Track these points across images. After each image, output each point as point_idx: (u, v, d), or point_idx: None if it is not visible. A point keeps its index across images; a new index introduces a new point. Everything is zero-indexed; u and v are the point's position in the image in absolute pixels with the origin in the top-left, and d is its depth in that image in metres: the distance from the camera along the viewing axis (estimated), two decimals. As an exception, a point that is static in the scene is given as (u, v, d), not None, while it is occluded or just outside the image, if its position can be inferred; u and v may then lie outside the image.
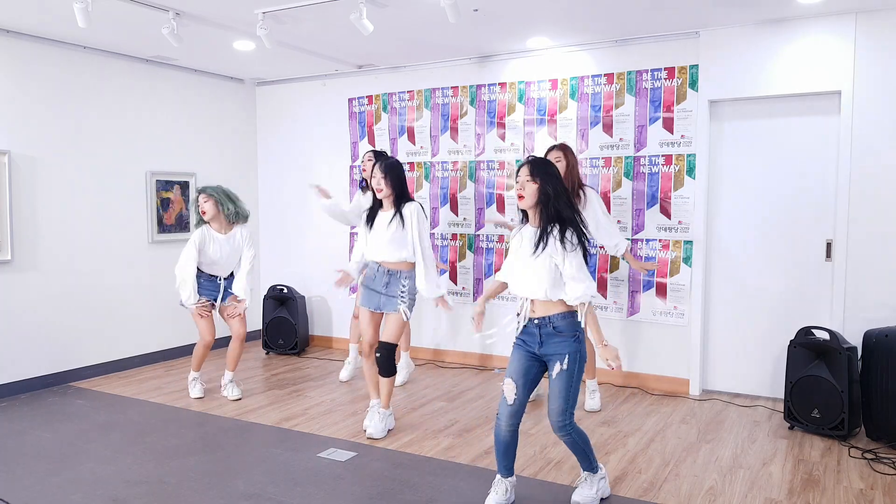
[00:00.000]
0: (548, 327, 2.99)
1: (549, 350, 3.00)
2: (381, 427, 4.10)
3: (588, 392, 4.65)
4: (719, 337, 5.02)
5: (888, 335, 3.89)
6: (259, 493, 3.31)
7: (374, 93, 6.24)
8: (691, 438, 4.09)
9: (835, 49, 4.46)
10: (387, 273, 4.08)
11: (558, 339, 2.98)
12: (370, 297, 4.14)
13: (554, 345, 2.99)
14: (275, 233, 6.91)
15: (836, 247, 4.52)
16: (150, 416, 4.53)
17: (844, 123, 4.45)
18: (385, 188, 3.97)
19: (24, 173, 5.01)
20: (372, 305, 4.13)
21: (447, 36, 5.03)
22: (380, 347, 4.06)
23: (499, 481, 3.16)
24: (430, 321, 6.08)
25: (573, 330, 2.99)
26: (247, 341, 6.81)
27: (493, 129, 5.70)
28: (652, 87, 5.07)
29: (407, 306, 4.07)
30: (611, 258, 5.24)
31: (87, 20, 4.05)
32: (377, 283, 4.10)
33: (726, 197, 4.95)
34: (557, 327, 2.98)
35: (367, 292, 4.16)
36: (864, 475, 3.53)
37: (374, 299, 4.12)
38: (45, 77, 5.13)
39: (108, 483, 3.44)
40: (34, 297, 5.09)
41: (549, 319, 2.99)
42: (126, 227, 5.71)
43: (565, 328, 2.98)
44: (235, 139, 6.73)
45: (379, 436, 4.06)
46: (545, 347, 3.01)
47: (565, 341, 2.98)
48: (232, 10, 4.37)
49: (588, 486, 3.22)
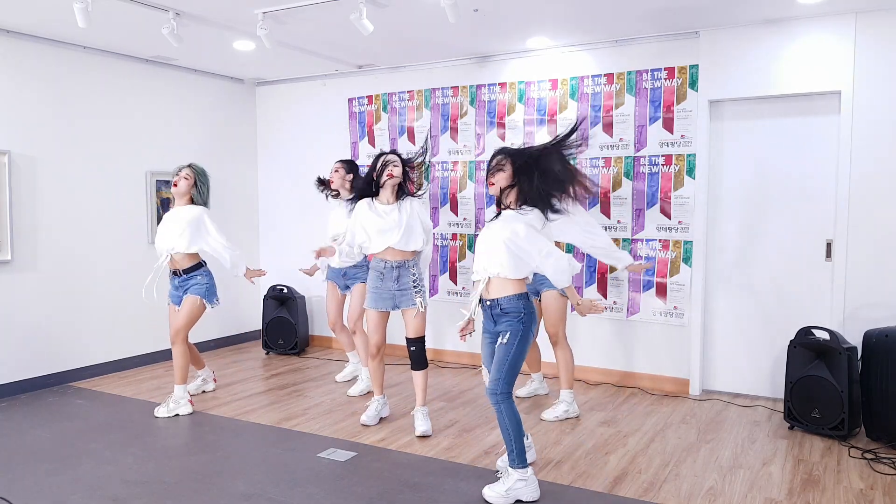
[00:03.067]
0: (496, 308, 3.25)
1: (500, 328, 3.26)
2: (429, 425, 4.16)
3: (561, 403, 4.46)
4: (719, 337, 5.03)
5: (888, 335, 3.89)
6: (259, 493, 3.31)
7: (374, 93, 6.24)
8: (691, 438, 4.09)
9: (835, 49, 4.46)
10: (395, 268, 4.12)
11: (506, 318, 3.23)
12: (382, 299, 4.15)
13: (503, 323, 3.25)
14: (275, 233, 6.91)
15: (836, 247, 4.52)
16: (150, 416, 4.53)
17: (844, 123, 4.45)
18: (397, 175, 4.09)
19: (24, 173, 5.01)
20: (387, 306, 4.15)
21: (447, 36, 5.03)
22: (411, 343, 4.13)
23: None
24: (431, 321, 6.08)
25: (519, 311, 3.22)
26: (247, 341, 6.84)
27: (493, 129, 5.70)
28: (652, 87, 5.07)
29: (422, 297, 4.14)
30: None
31: (87, 20, 4.05)
32: (387, 281, 4.12)
33: (726, 197, 4.95)
34: (505, 308, 3.23)
35: (378, 295, 4.16)
36: (864, 475, 3.53)
37: (387, 300, 4.14)
38: (45, 77, 5.13)
39: (108, 483, 3.44)
40: (34, 296, 5.09)
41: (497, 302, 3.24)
42: (126, 227, 5.71)
43: (512, 309, 3.22)
44: (235, 139, 6.73)
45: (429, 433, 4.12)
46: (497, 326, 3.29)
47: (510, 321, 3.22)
48: (232, 10, 4.37)
49: (501, 483, 3.23)
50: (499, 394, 3.21)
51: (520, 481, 3.19)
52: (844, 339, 4.14)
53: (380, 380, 4.33)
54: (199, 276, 4.61)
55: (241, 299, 6.76)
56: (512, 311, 3.22)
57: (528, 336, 3.24)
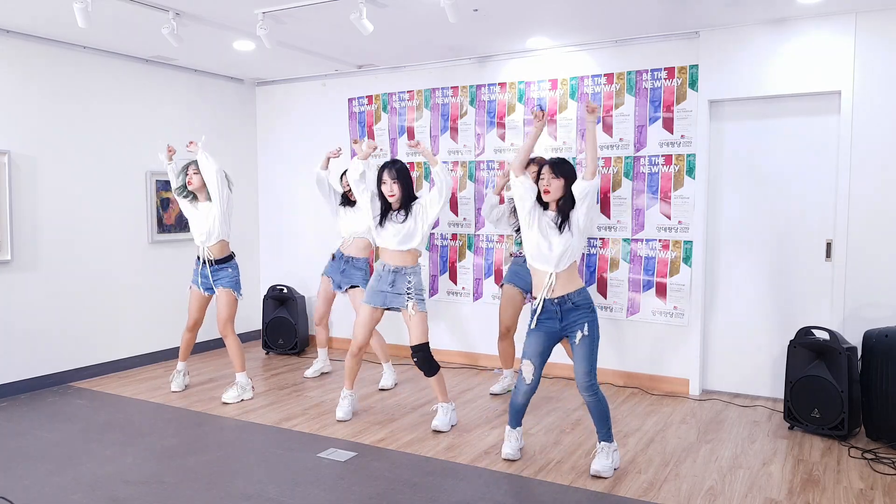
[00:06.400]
0: (567, 304, 3.45)
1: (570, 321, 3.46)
2: (446, 420, 4.24)
3: None
4: (719, 337, 5.03)
5: (888, 335, 3.89)
6: (259, 493, 3.31)
7: (374, 93, 6.24)
8: (691, 438, 4.09)
9: (834, 49, 4.46)
10: (392, 272, 4.21)
11: (577, 312, 3.45)
12: (375, 296, 4.26)
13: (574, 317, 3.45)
14: (275, 233, 6.91)
15: (836, 247, 4.52)
16: (150, 416, 4.53)
17: (844, 123, 4.45)
18: (397, 192, 4.15)
19: (24, 173, 5.01)
20: (377, 302, 4.25)
21: (447, 36, 5.03)
22: (415, 352, 4.18)
23: (509, 432, 3.73)
24: (431, 321, 6.08)
25: (589, 302, 3.48)
26: (247, 341, 6.84)
27: (492, 129, 5.70)
28: (652, 87, 5.07)
29: (415, 302, 4.18)
30: (611, 258, 5.24)
31: (87, 20, 4.05)
32: (383, 283, 4.24)
33: (726, 197, 4.95)
34: (576, 302, 3.45)
35: (373, 292, 4.27)
36: (864, 475, 3.53)
37: (379, 297, 4.26)
38: (45, 77, 5.13)
39: (108, 483, 3.44)
40: (34, 297, 5.09)
41: (567, 297, 3.46)
42: (126, 227, 5.71)
43: (582, 302, 3.46)
44: (235, 139, 6.73)
45: (446, 429, 4.20)
46: (565, 321, 3.47)
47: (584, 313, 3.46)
48: (232, 10, 4.37)
49: (605, 457, 3.53)
50: (593, 384, 3.45)
51: (615, 452, 3.59)
52: (844, 339, 4.14)
53: (352, 377, 4.43)
54: (230, 269, 4.87)
55: (241, 299, 6.73)
56: (583, 304, 3.46)
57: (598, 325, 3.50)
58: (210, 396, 4.96)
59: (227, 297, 4.81)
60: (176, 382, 5.10)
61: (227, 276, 4.83)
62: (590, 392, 3.45)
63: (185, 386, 5.17)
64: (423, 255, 6.02)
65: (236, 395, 4.83)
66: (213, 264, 4.81)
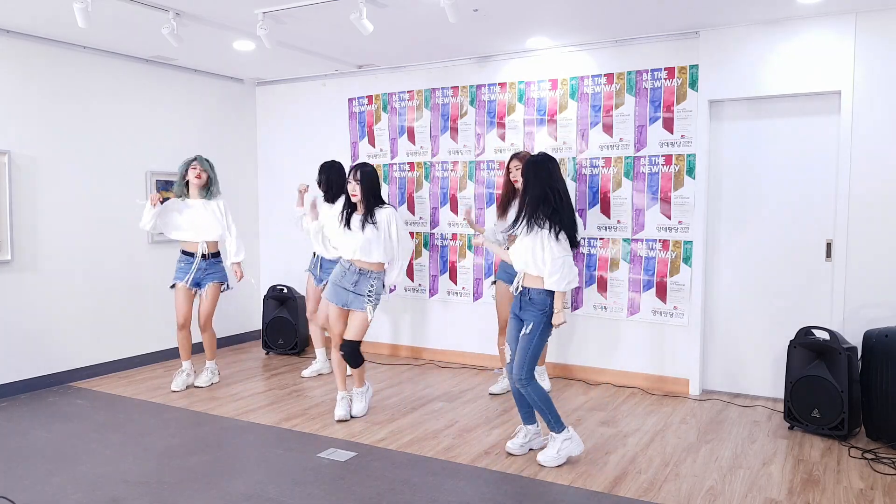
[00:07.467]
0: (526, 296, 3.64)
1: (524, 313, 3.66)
2: (363, 405, 4.43)
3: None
4: (719, 337, 5.03)
5: (888, 335, 3.89)
6: (259, 493, 3.31)
7: (374, 93, 6.24)
8: (691, 438, 4.09)
9: (834, 49, 4.46)
10: (357, 272, 4.28)
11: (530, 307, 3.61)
12: (338, 294, 4.33)
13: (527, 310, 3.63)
14: (274, 233, 6.91)
15: (836, 247, 4.52)
16: (150, 416, 4.53)
17: (844, 123, 4.45)
18: (359, 193, 4.22)
19: (24, 173, 5.01)
20: (339, 302, 4.33)
21: (447, 36, 5.03)
22: (344, 345, 4.29)
23: (519, 429, 3.85)
24: (431, 321, 6.08)
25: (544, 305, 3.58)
26: (247, 341, 6.84)
27: (493, 129, 5.70)
28: (652, 87, 5.07)
29: (373, 306, 4.28)
30: (611, 258, 5.25)
31: (87, 20, 4.05)
32: (346, 281, 4.30)
33: (726, 197, 4.95)
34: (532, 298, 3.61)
35: (335, 289, 4.34)
36: (864, 475, 3.53)
37: (341, 296, 4.32)
38: (45, 77, 5.13)
39: (108, 483, 3.44)
40: (34, 297, 5.09)
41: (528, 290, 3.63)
42: (126, 227, 5.71)
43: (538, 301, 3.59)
44: (235, 139, 6.73)
45: (361, 413, 4.41)
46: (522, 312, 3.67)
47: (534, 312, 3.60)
48: (232, 10, 4.37)
49: (550, 447, 3.65)
50: (523, 378, 3.61)
51: (565, 441, 3.63)
52: (844, 339, 4.14)
53: (343, 375, 4.46)
54: (220, 263, 5.12)
55: (241, 299, 6.75)
56: (538, 303, 3.59)
57: (548, 328, 3.62)
58: (210, 396, 4.96)
59: (216, 291, 5.08)
60: (178, 382, 5.09)
61: (220, 270, 5.10)
62: (520, 384, 3.63)
63: (189, 385, 5.17)
64: (423, 255, 6.04)
65: (208, 378, 5.22)
66: (208, 258, 5.03)
